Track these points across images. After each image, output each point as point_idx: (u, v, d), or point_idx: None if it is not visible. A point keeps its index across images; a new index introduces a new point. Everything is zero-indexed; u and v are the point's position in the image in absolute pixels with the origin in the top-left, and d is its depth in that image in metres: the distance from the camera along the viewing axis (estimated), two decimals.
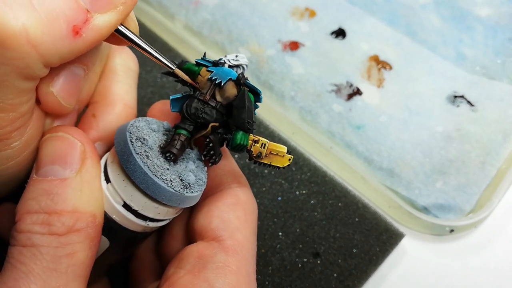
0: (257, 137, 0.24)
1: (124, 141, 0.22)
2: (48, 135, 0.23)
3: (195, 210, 0.26)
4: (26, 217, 0.21)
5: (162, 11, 0.49)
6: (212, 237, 0.24)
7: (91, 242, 0.21)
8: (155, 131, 0.24)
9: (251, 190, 0.27)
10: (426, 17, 0.50)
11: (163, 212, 0.23)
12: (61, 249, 0.20)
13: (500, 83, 0.44)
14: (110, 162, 0.23)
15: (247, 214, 0.25)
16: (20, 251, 0.20)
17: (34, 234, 0.20)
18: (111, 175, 0.23)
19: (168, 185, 0.22)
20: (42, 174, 0.22)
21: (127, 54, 0.29)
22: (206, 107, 0.24)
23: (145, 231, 0.24)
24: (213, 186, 0.26)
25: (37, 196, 0.21)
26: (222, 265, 0.23)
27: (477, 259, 0.37)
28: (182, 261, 0.23)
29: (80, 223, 0.21)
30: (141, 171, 0.22)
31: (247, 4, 0.49)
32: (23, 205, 0.21)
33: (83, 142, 0.23)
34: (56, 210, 0.21)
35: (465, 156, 0.40)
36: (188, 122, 0.24)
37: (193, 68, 0.25)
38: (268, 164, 0.25)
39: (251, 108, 0.24)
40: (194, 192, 0.23)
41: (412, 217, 0.37)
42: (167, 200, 0.22)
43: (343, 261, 0.34)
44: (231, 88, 0.24)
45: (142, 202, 0.22)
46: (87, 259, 0.21)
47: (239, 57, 0.25)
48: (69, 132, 0.23)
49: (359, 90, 0.43)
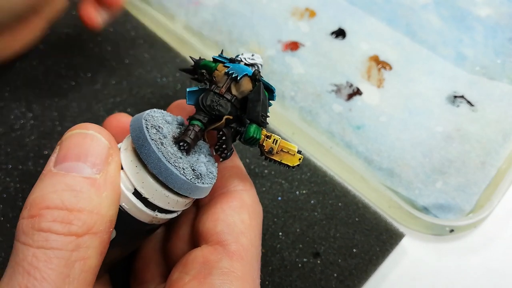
0: (269, 133, 0.25)
1: (140, 127, 0.22)
2: (76, 130, 0.22)
3: (200, 212, 0.26)
4: (47, 213, 0.19)
5: (162, 11, 0.49)
6: (216, 241, 0.24)
7: (103, 248, 0.21)
8: (169, 123, 0.24)
9: (256, 193, 0.27)
10: (426, 17, 0.50)
11: (173, 202, 0.23)
12: (76, 253, 0.19)
13: (500, 83, 0.44)
14: (123, 149, 0.24)
15: (252, 218, 0.25)
16: (35, 254, 0.19)
17: (53, 234, 0.19)
18: (124, 162, 0.23)
19: (180, 172, 0.22)
20: (65, 169, 0.20)
21: None
22: (222, 99, 0.24)
23: (152, 223, 0.24)
24: (219, 186, 0.26)
25: (59, 191, 0.20)
26: (227, 271, 0.22)
27: (477, 259, 0.37)
28: (187, 266, 0.23)
29: (99, 225, 0.20)
30: (155, 156, 0.22)
31: (247, 4, 0.49)
32: (42, 198, 0.20)
33: (111, 143, 0.22)
34: (78, 207, 0.20)
35: (465, 156, 0.40)
36: (203, 114, 0.24)
37: (210, 64, 0.26)
38: (278, 162, 0.25)
39: (265, 102, 0.25)
40: (205, 183, 0.23)
41: (412, 217, 0.37)
42: (178, 187, 0.22)
43: (343, 261, 0.34)
44: (246, 83, 0.25)
45: (153, 189, 0.22)
46: (97, 266, 0.20)
47: (255, 56, 0.26)
48: (99, 131, 0.22)
49: (359, 90, 0.43)
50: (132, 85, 0.42)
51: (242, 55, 0.26)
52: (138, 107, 0.41)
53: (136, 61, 0.44)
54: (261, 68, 0.26)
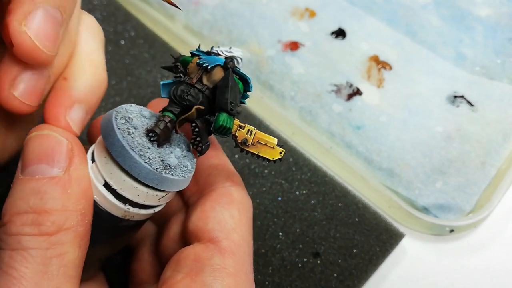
0: (243, 124, 0.24)
1: (109, 118, 0.22)
2: (33, 133, 0.22)
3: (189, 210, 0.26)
4: (16, 219, 0.20)
5: (162, 11, 0.49)
6: (208, 238, 0.24)
7: (81, 241, 0.21)
8: (145, 117, 0.24)
9: (245, 189, 0.27)
10: (426, 17, 0.50)
11: (142, 195, 0.23)
12: (51, 250, 0.20)
13: (500, 83, 0.44)
14: (97, 142, 0.23)
15: (241, 213, 0.25)
16: (10, 255, 0.20)
17: (24, 236, 0.20)
18: (95, 154, 0.23)
19: (144, 161, 0.22)
20: (29, 173, 0.21)
21: (90, 21, 0.27)
22: (192, 89, 0.24)
23: (127, 219, 0.24)
24: (207, 185, 0.26)
25: (25, 196, 0.21)
26: (219, 267, 0.22)
27: (477, 259, 0.37)
28: (179, 264, 0.23)
29: (70, 221, 0.21)
30: (119, 144, 0.22)
31: (247, 4, 0.49)
32: (12, 205, 0.21)
33: (69, 140, 0.22)
34: (45, 209, 0.20)
35: (465, 156, 0.40)
36: (174, 105, 0.24)
37: (188, 59, 0.25)
38: (256, 155, 0.24)
39: (235, 89, 0.24)
40: (175, 175, 0.23)
41: (412, 217, 0.37)
42: (143, 177, 0.22)
43: (343, 261, 0.34)
44: (218, 72, 0.24)
45: (121, 179, 0.22)
46: (77, 259, 0.21)
47: (233, 49, 0.26)
48: (55, 130, 0.22)
49: (359, 90, 0.43)
50: (132, 85, 0.42)
51: (218, 48, 0.26)
52: None
53: (136, 61, 0.44)
54: (241, 62, 0.26)
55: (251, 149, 0.24)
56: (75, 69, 0.25)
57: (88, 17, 0.27)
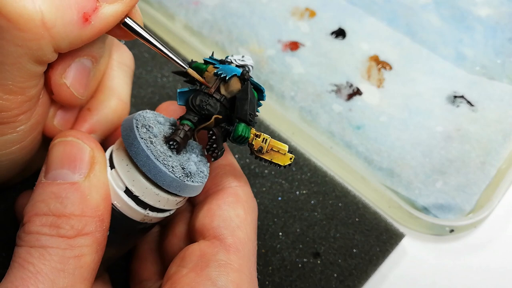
0: (259, 132, 0.25)
1: (130, 126, 0.23)
2: (58, 139, 0.23)
3: (196, 209, 0.27)
4: (35, 219, 0.21)
5: (162, 11, 0.49)
6: (213, 235, 0.24)
7: (98, 246, 0.22)
8: (161, 123, 0.25)
9: (251, 189, 0.27)
10: (426, 17, 0.50)
11: (163, 201, 0.24)
12: (69, 251, 0.21)
13: (500, 83, 0.44)
14: (115, 149, 0.24)
15: (247, 213, 0.25)
16: (28, 251, 0.20)
17: (42, 235, 0.21)
18: (115, 161, 0.24)
19: (169, 170, 0.22)
20: (51, 178, 0.22)
21: (123, 51, 0.30)
22: (211, 99, 0.24)
23: (144, 222, 0.24)
24: (214, 184, 0.27)
25: (46, 199, 0.21)
26: (224, 263, 0.23)
27: (477, 259, 0.37)
28: (185, 260, 0.24)
29: (89, 227, 0.21)
30: (144, 154, 0.22)
31: (247, 4, 0.49)
32: (32, 207, 0.21)
33: (92, 147, 0.23)
34: (65, 213, 0.21)
35: (465, 156, 0.40)
36: (192, 114, 0.24)
37: (201, 66, 0.26)
38: (269, 161, 0.25)
39: (253, 101, 0.25)
40: (195, 182, 0.24)
41: (412, 217, 0.37)
42: (167, 185, 0.23)
43: (343, 261, 0.34)
44: (235, 83, 0.25)
45: (144, 187, 0.23)
46: (93, 262, 0.21)
47: (245, 57, 0.27)
48: (78, 137, 0.23)
49: (359, 90, 0.43)
50: (132, 85, 0.42)
51: (232, 56, 0.27)
52: (138, 107, 0.41)
53: (136, 61, 0.44)
54: (252, 70, 0.27)
55: (265, 156, 0.25)
56: (99, 101, 0.27)
57: (125, 52, 0.30)
